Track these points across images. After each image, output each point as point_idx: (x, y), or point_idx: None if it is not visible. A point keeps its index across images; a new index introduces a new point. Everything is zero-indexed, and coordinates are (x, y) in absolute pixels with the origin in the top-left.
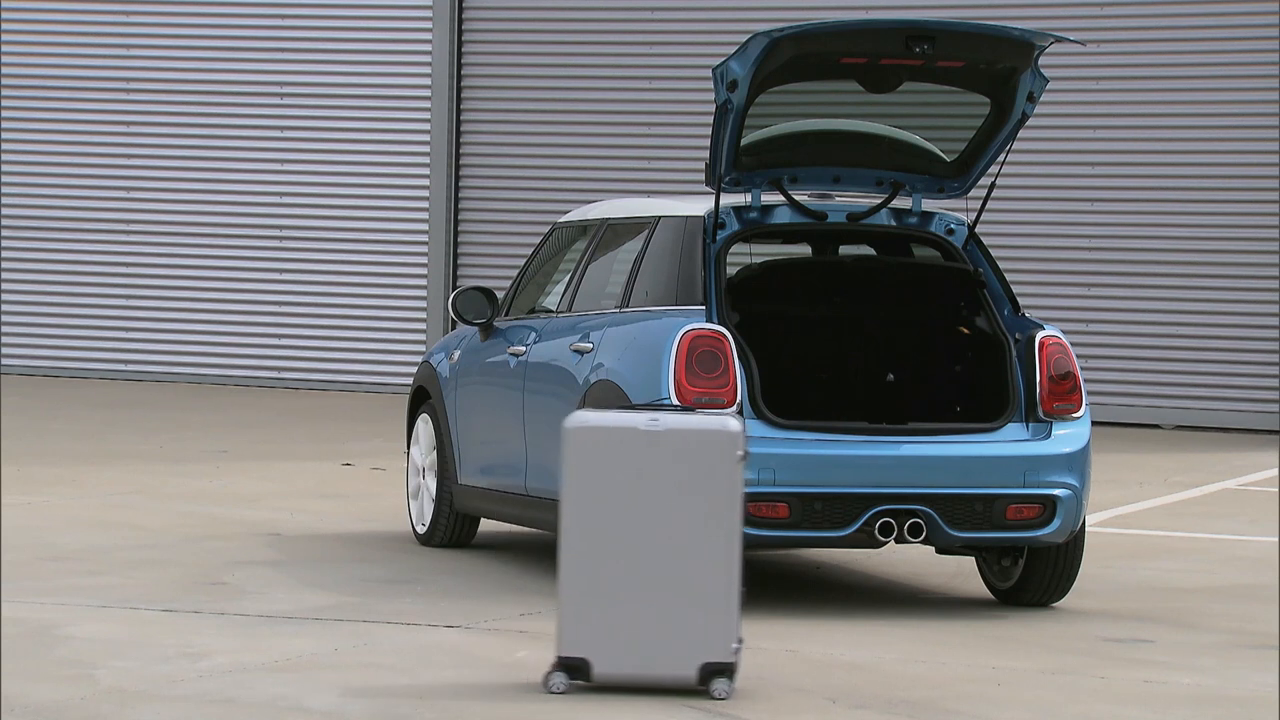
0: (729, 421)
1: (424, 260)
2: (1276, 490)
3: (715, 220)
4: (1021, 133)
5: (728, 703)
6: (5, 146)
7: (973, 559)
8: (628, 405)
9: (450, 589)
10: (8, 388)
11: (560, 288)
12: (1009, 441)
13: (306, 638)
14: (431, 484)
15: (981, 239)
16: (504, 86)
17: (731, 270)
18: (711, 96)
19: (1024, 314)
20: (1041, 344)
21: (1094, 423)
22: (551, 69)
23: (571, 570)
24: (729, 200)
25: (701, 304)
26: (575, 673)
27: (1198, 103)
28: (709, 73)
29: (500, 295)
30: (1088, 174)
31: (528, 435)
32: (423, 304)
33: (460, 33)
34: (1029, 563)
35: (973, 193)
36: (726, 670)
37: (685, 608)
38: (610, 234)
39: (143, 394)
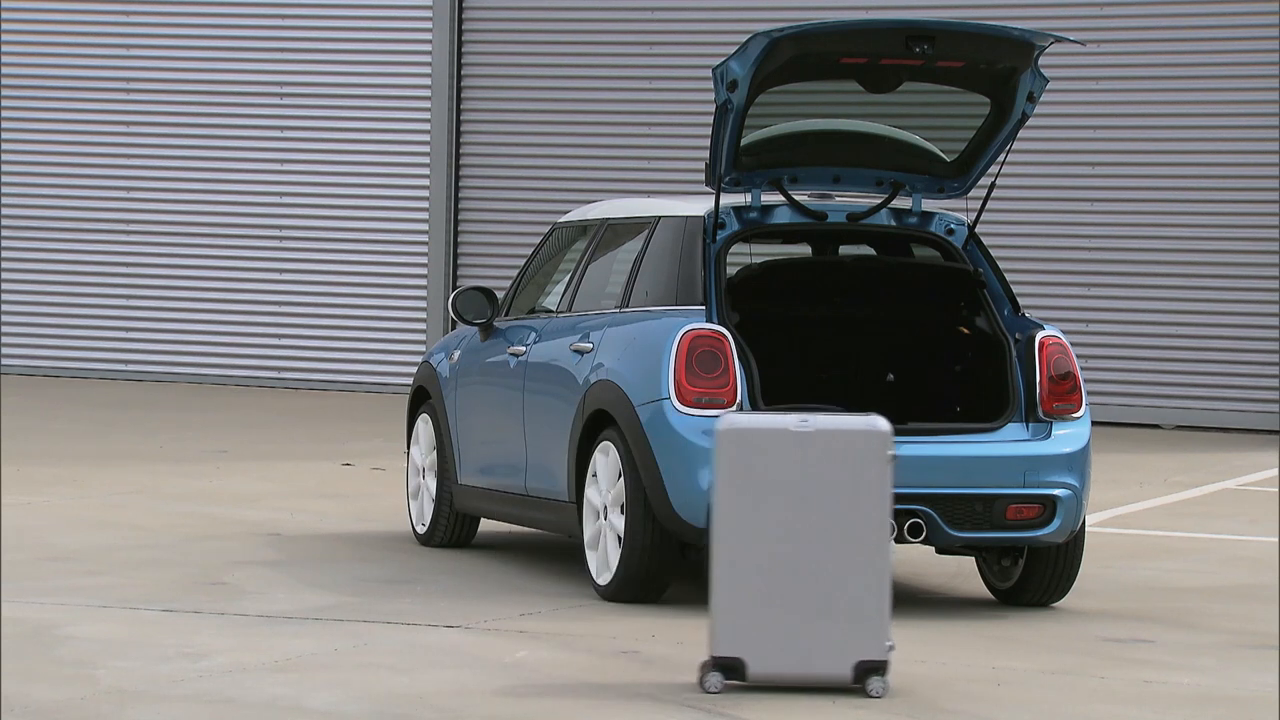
0: (878, 422)
1: (424, 260)
2: (1276, 490)
3: (715, 220)
4: (1021, 133)
5: (728, 703)
6: (5, 146)
7: (973, 559)
8: (784, 406)
9: (450, 589)
10: (8, 388)
11: (560, 288)
12: (1009, 441)
13: (306, 638)
14: (431, 484)
15: (981, 239)
16: (504, 86)
17: (731, 270)
18: (711, 96)
19: (1024, 314)
20: (1041, 344)
21: (1094, 423)
22: (551, 69)
23: (724, 570)
24: (729, 200)
25: (701, 304)
26: (731, 672)
27: (1198, 103)
28: (709, 73)
29: (500, 295)
30: (1088, 174)
31: (528, 435)
32: (423, 304)
33: (460, 33)
34: (1029, 563)
35: (973, 193)
36: (880, 668)
37: (838, 606)
38: (610, 234)
39: (143, 394)
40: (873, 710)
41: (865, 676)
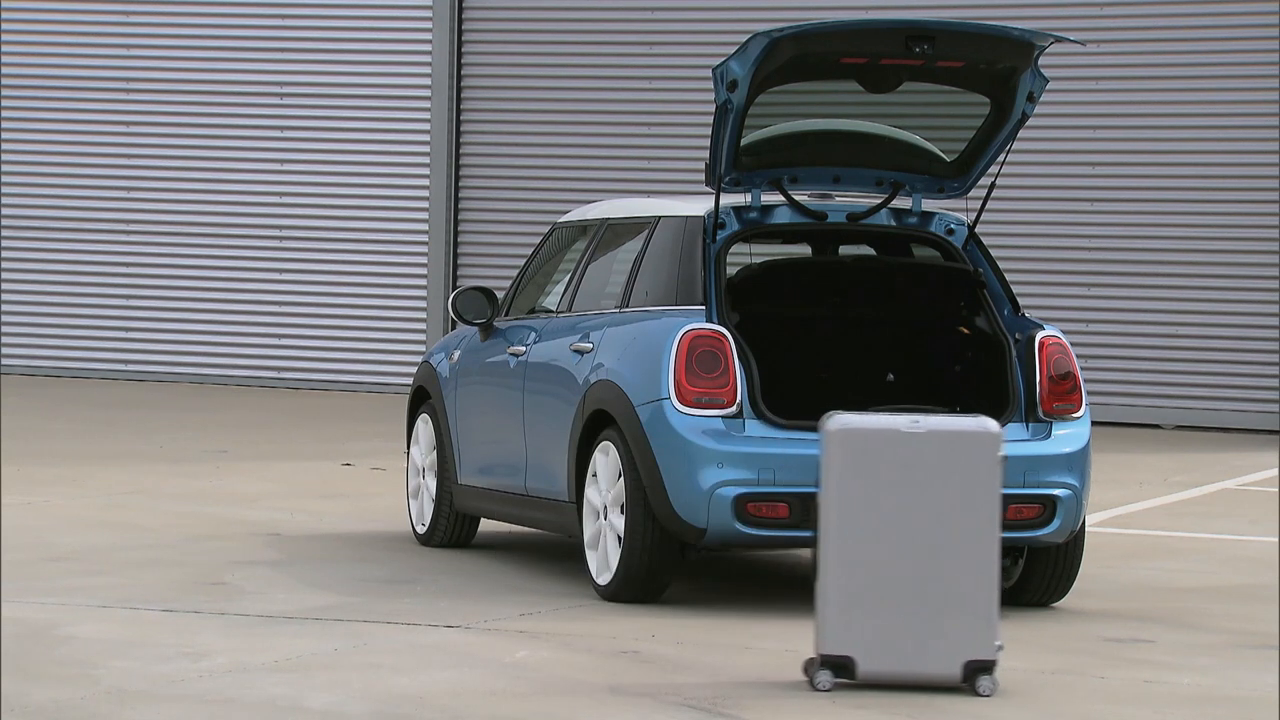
0: (989, 423)
1: (424, 260)
2: (1276, 490)
3: (715, 220)
4: (1021, 133)
5: (728, 703)
6: (5, 146)
7: None
8: (891, 407)
9: (450, 589)
10: (8, 388)
11: (560, 288)
12: (1009, 441)
13: (306, 638)
14: (431, 484)
15: (981, 239)
16: (504, 86)
17: (731, 270)
18: (711, 96)
19: (1024, 314)
20: (1041, 344)
21: (1094, 423)
22: (551, 69)
23: (833, 569)
24: (729, 200)
25: (701, 304)
26: (840, 670)
27: (1198, 103)
28: (709, 73)
29: (500, 295)
30: (1088, 174)
31: (527, 435)
32: (423, 304)
33: (460, 33)
34: (1029, 563)
35: (973, 193)
36: (989, 667)
37: (947, 606)
38: (610, 234)
39: (143, 394)
40: (873, 710)
41: (974, 675)
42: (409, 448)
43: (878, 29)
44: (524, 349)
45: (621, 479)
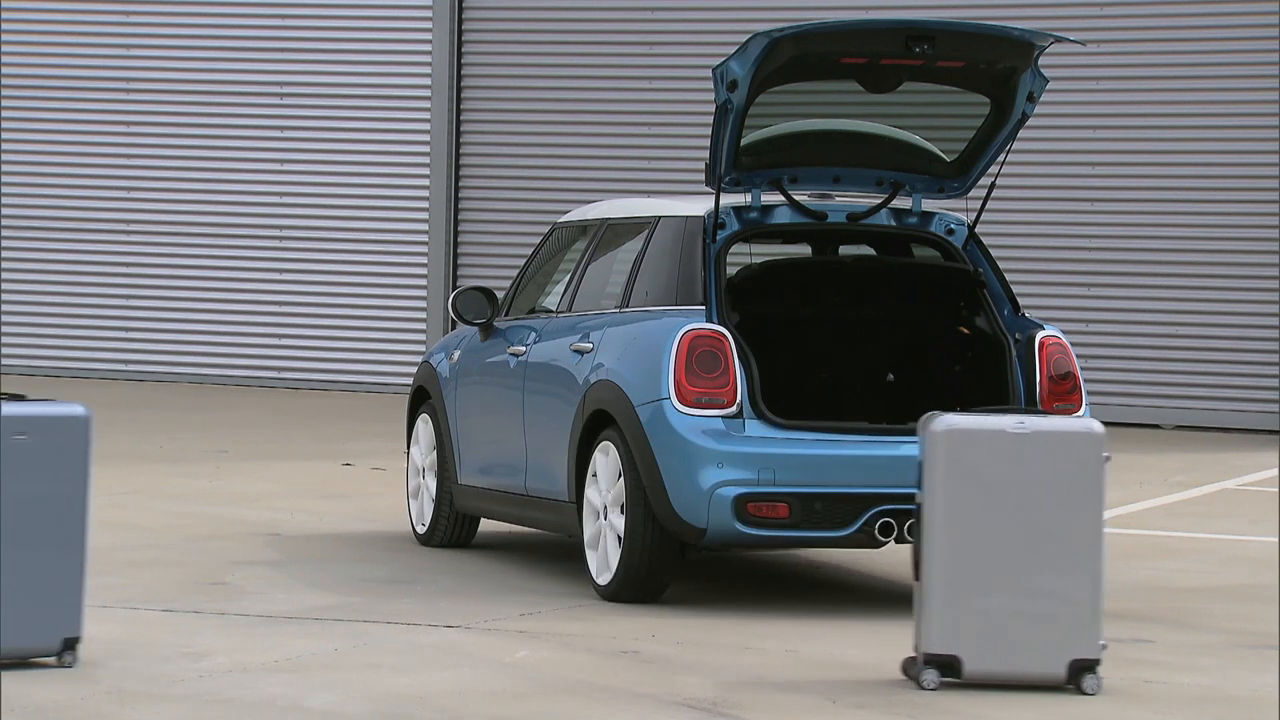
0: (1093, 423)
1: (424, 260)
2: (1276, 490)
3: (715, 220)
4: (1021, 133)
5: (728, 703)
6: (5, 146)
7: None
8: (992, 408)
9: (450, 589)
10: (8, 388)
11: (560, 288)
12: None
13: (306, 638)
14: (431, 484)
15: (981, 239)
16: (504, 86)
17: (731, 270)
18: (711, 96)
19: (1024, 314)
20: (1041, 344)
21: None
22: (551, 69)
23: (938, 568)
24: (729, 200)
25: (701, 304)
26: (947, 670)
27: (1198, 103)
28: (709, 73)
29: (500, 295)
30: (1088, 174)
31: (528, 435)
32: (423, 304)
33: (460, 33)
34: None
35: (973, 193)
36: (1093, 666)
37: (1052, 605)
38: (610, 234)
39: (143, 394)
40: (873, 710)
41: (1079, 674)
42: (409, 448)
43: (878, 29)
44: (524, 349)
45: (621, 479)
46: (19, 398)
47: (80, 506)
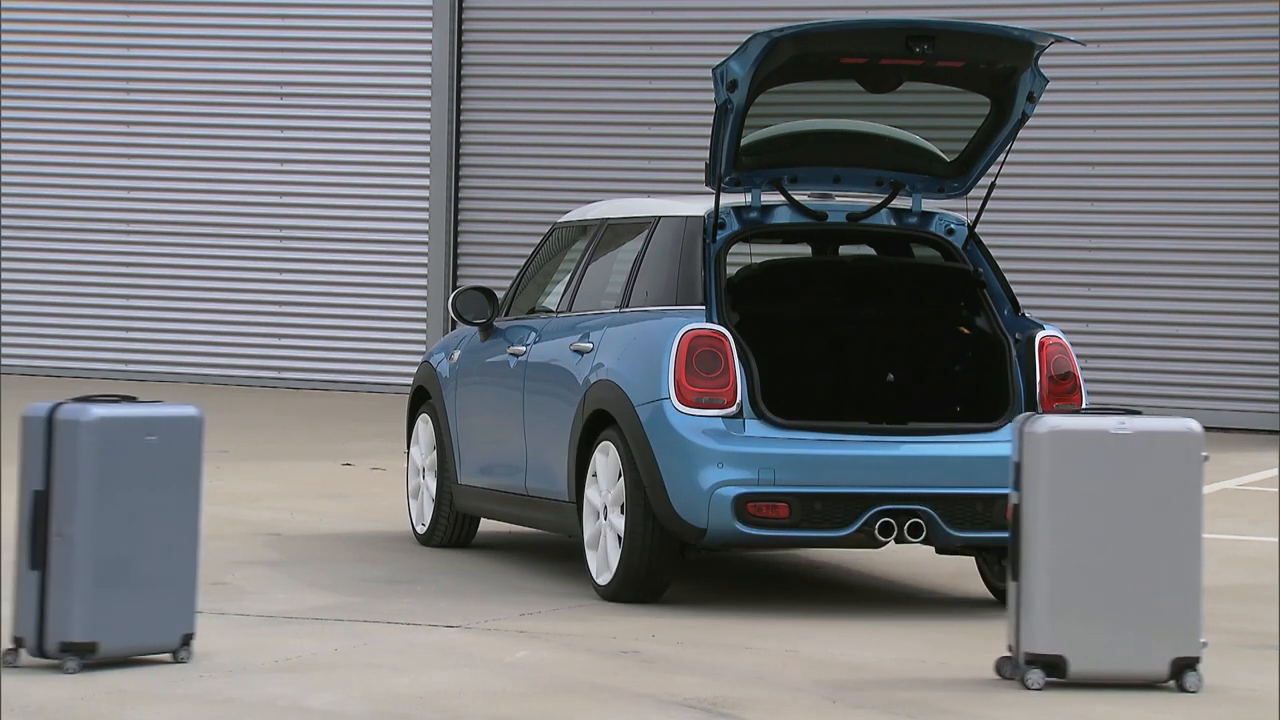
0: (1192, 424)
1: (424, 260)
2: (1276, 490)
3: (715, 220)
4: (1021, 133)
5: (728, 703)
6: (5, 146)
7: (973, 559)
8: (1090, 409)
9: (450, 589)
10: (8, 388)
11: (560, 288)
12: (1009, 441)
13: (306, 638)
14: (431, 484)
15: (981, 239)
16: (504, 86)
17: (731, 270)
18: (711, 96)
19: (1024, 314)
20: (1041, 344)
21: None
22: (551, 69)
23: (1040, 568)
24: (729, 200)
25: (701, 304)
26: (1052, 669)
27: (1198, 103)
28: (709, 73)
29: (500, 295)
30: (1088, 174)
31: (527, 435)
32: (423, 304)
33: (460, 33)
34: None
35: (973, 193)
36: (1194, 664)
37: (1153, 604)
38: (610, 234)
39: (144, 394)
40: (873, 710)
41: (1181, 672)
42: (409, 448)
43: (878, 29)
44: (524, 349)
45: (621, 479)
46: (130, 399)
47: (195, 505)
